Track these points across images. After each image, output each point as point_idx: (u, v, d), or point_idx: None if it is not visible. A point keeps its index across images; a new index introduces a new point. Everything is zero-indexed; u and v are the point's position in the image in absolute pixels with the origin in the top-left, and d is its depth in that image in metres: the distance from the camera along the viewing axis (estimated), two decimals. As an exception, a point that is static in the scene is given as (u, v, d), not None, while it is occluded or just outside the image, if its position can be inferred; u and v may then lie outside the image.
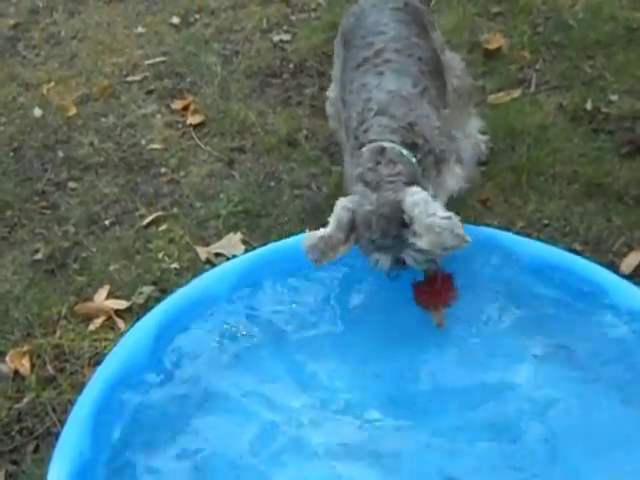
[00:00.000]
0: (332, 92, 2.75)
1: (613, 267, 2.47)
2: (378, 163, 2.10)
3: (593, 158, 2.93)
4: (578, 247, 2.62)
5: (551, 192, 2.82)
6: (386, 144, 2.14)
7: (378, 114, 2.22)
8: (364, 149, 2.16)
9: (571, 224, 2.70)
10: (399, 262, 2.06)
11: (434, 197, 2.12)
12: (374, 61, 2.37)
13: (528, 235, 2.63)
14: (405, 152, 2.15)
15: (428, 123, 2.29)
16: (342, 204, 2.06)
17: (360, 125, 2.24)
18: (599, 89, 3.26)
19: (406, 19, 2.51)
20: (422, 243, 1.96)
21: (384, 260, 2.04)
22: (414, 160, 2.15)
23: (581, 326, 2.12)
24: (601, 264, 2.34)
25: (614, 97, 3.22)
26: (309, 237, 2.04)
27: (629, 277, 2.40)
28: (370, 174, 2.08)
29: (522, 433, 1.94)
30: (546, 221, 2.72)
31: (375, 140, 2.17)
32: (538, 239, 2.53)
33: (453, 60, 2.74)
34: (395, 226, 1.99)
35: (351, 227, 2.03)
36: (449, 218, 1.96)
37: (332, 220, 2.05)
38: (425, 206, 1.99)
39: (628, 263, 2.51)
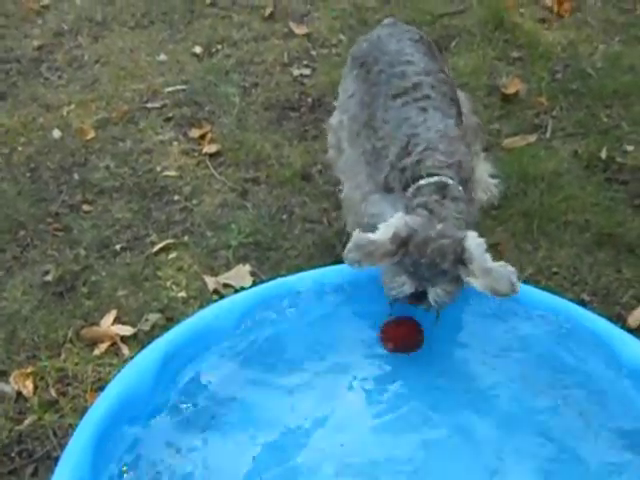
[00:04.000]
0: (335, 119, 2.77)
1: (620, 320, 2.47)
2: (444, 197, 2.14)
3: (605, 208, 2.94)
4: (586, 297, 2.62)
5: (562, 240, 2.82)
6: (447, 180, 2.18)
7: (429, 149, 2.24)
8: (423, 182, 2.18)
9: (580, 273, 2.71)
10: (417, 293, 2.05)
11: None
12: (414, 95, 2.39)
13: (537, 282, 2.63)
14: (460, 188, 2.19)
15: (468, 162, 2.33)
16: (405, 220, 2.05)
17: (404, 157, 2.25)
18: (615, 139, 3.28)
19: (427, 52, 2.55)
20: (477, 284, 1.99)
21: (408, 286, 2.04)
22: (464, 195, 2.19)
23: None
24: (608, 317, 2.33)
25: (630, 147, 3.24)
26: (360, 237, 2.03)
27: (635, 331, 2.39)
28: (437, 206, 2.11)
29: None
30: (555, 269, 2.72)
31: (433, 174, 2.19)
32: (546, 288, 2.53)
33: (460, 97, 2.76)
34: (449, 260, 2.00)
35: (404, 244, 2.03)
36: (505, 266, 1.99)
37: (386, 229, 2.04)
38: (484, 250, 2.02)
39: (636, 316, 2.50)
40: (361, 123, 2.55)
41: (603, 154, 3.17)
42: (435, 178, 2.18)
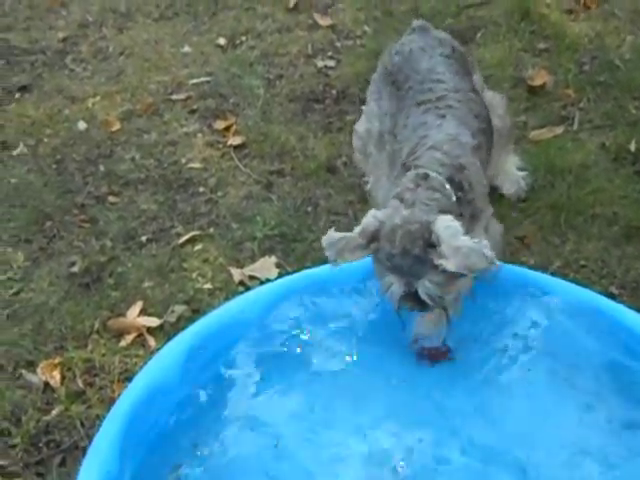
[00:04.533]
0: (361, 126, 2.77)
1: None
2: (418, 185, 2.12)
3: (634, 200, 2.91)
4: (615, 290, 2.59)
5: (590, 233, 2.79)
6: (431, 173, 2.15)
7: (432, 148, 2.23)
8: (409, 172, 2.18)
9: (609, 266, 2.68)
10: (410, 294, 2.03)
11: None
12: (436, 104, 2.39)
13: (565, 275, 2.61)
14: (448, 186, 2.15)
15: (477, 175, 2.28)
16: (372, 213, 2.09)
17: (411, 155, 2.25)
18: (643, 131, 3.24)
19: (459, 70, 2.54)
20: (449, 265, 1.95)
21: (397, 286, 2.02)
22: (454, 198, 2.14)
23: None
24: (637, 309, 2.31)
25: (658, 140, 3.19)
26: (330, 235, 2.10)
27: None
28: (408, 193, 2.10)
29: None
30: (583, 262, 2.70)
31: (422, 167, 2.18)
32: (574, 280, 2.50)
33: (494, 99, 2.75)
34: (419, 245, 1.98)
35: (374, 236, 2.04)
36: (479, 242, 1.96)
37: (358, 226, 2.08)
38: (455, 231, 1.99)
39: (665, 310, 2.47)
40: (387, 131, 2.57)
41: (632, 146, 3.13)
42: (418, 170, 2.17)
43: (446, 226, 1.99)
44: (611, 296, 2.48)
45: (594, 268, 2.68)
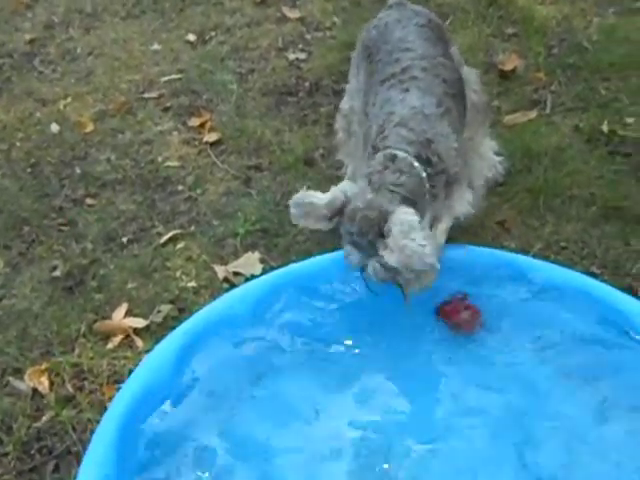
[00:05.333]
0: (346, 104, 2.77)
1: (631, 291, 2.47)
2: (386, 168, 2.17)
3: (610, 181, 2.94)
4: (596, 270, 2.62)
5: (568, 214, 2.82)
6: (399, 153, 2.19)
7: (398, 125, 2.26)
8: (378, 154, 2.22)
9: (589, 247, 2.71)
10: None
11: (428, 223, 2.20)
12: (400, 77, 2.40)
13: (545, 257, 2.64)
14: (416, 164, 2.20)
15: (446, 143, 2.32)
16: (344, 187, 2.16)
17: (379, 135, 2.28)
18: (615, 111, 3.28)
19: (431, 37, 2.54)
20: (391, 259, 2.02)
21: (354, 256, 2.12)
22: (424, 174, 2.19)
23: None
24: (619, 288, 2.34)
25: (630, 120, 3.23)
26: (302, 195, 2.15)
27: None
28: (376, 176, 2.16)
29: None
30: (564, 243, 2.73)
31: (390, 147, 2.22)
32: (556, 262, 2.54)
33: (470, 75, 2.75)
34: (373, 232, 2.06)
35: (339, 211, 2.12)
36: (424, 246, 2.01)
37: (329, 194, 2.14)
38: (408, 228, 2.04)
39: (647, 287, 2.51)
40: (362, 111, 2.57)
41: (604, 127, 3.17)
42: (387, 151, 2.21)
43: (401, 221, 2.05)
44: (593, 276, 2.52)
45: (574, 249, 2.71)
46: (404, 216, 2.06)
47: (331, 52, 3.76)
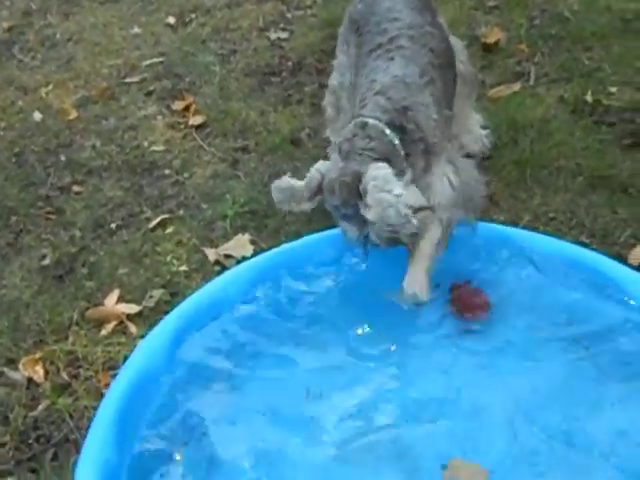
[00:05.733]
0: (334, 80, 2.76)
1: (621, 259, 2.49)
2: (355, 135, 2.17)
3: (595, 151, 2.95)
4: (585, 239, 2.63)
5: (556, 185, 2.83)
6: (370, 120, 2.19)
7: (378, 94, 2.26)
8: (352, 122, 2.23)
9: (577, 217, 2.72)
10: (367, 236, 2.11)
11: (409, 180, 2.18)
12: (387, 47, 2.40)
13: (534, 228, 2.65)
14: (388, 131, 2.19)
15: (425, 112, 2.31)
16: (318, 166, 2.18)
17: (359, 103, 2.29)
18: (598, 81, 3.28)
19: (418, 6, 2.53)
20: (370, 215, 2.04)
21: (351, 230, 2.13)
22: (397, 141, 2.19)
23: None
24: (609, 256, 2.36)
25: (613, 89, 3.24)
26: (282, 181, 2.21)
27: (638, 269, 2.42)
28: (345, 144, 2.17)
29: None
30: (552, 214, 2.74)
31: (365, 115, 2.22)
32: (545, 233, 2.55)
33: (457, 45, 2.75)
34: (354, 197, 2.08)
35: (318, 189, 2.15)
36: (399, 196, 2.03)
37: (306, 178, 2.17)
38: (382, 181, 2.05)
39: (635, 255, 2.52)
40: (352, 83, 2.56)
41: (588, 97, 3.18)
42: (358, 119, 2.21)
43: (374, 176, 2.06)
44: (582, 245, 2.53)
45: (563, 219, 2.72)
46: (377, 171, 2.08)
47: (312, 31, 3.75)
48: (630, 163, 2.87)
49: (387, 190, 2.03)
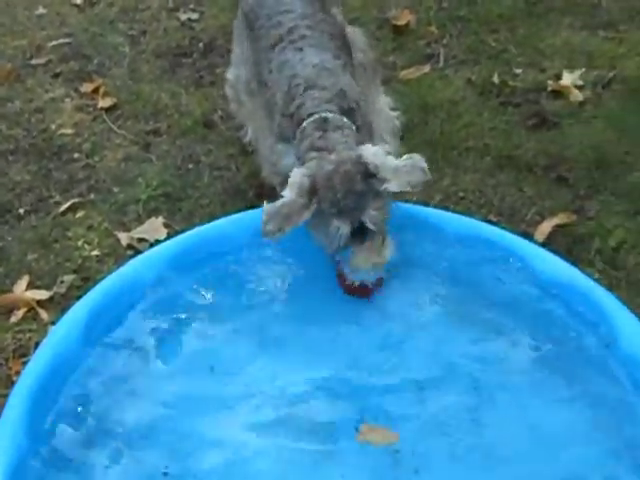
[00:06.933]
0: (231, 74, 2.76)
1: (528, 236, 2.57)
2: (325, 130, 2.16)
3: (502, 131, 3.03)
4: (493, 218, 2.71)
5: (465, 165, 2.90)
6: (328, 114, 2.19)
7: (308, 88, 2.25)
8: (305, 123, 2.19)
9: (486, 196, 2.80)
10: (356, 229, 2.08)
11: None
12: (289, 38, 2.38)
13: (445, 208, 2.70)
14: (345, 119, 2.21)
15: (356, 92, 2.34)
16: (299, 172, 2.09)
17: (289, 103, 2.26)
18: (504, 62, 3.37)
19: None
20: (393, 186, 2.04)
21: (344, 228, 2.05)
22: (354, 127, 2.21)
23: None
24: (516, 233, 2.43)
25: (518, 70, 3.33)
26: (270, 206, 2.04)
27: (543, 245, 2.50)
28: (321, 141, 2.14)
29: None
30: (462, 194, 2.81)
31: (313, 113, 2.21)
32: (455, 212, 2.60)
33: (355, 34, 2.76)
34: (359, 180, 2.04)
35: (312, 192, 2.05)
36: (411, 158, 2.06)
37: (290, 189, 2.06)
38: (383, 155, 2.08)
39: (541, 231, 2.61)
40: (254, 80, 2.55)
41: (495, 79, 3.25)
42: (314, 116, 2.20)
43: (374, 153, 2.07)
44: (490, 223, 2.60)
45: (472, 198, 2.79)
46: (372, 149, 2.08)
47: (223, 12, 3.72)
48: (535, 143, 2.96)
49: (393, 160, 2.05)
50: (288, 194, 2.05)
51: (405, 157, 2.07)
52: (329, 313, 2.22)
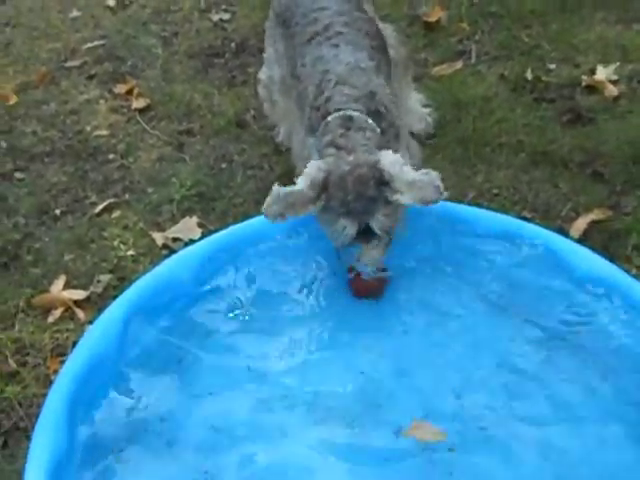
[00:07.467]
0: (263, 74, 2.78)
1: (563, 232, 2.55)
2: (348, 129, 2.15)
3: (536, 127, 3.01)
4: (528, 214, 2.69)
5: (499, 162, 2.88)
6: (353, 113, 2.18)
7: (339, 84, 2.24)
8: (330, 118, 2.19)
9: (520, 192, 2.78)
10: (362, 231, 2.08)
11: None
12: (326, 34, 2.39)
13: (479, 205, 2.69)
14: (370, 121, 2.20)
15: (387, 95, 2.33)
16: (316, 165, 2.08)
17: (319, 96, 2.26)
18: (537, 58, 3.34)
19: None
20: (404, 199, 2.02)
21: (350, 227, 2.06)
22: (378, 130, 2.20)
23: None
24: (551, 229, 2.41)
25: (552, 66, 3.30)
26: (279, 190, 2.05)
27: (579, 241, 2.48)
28: (343, 140, 2.12)
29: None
30: (496, 190, 2.79)
31: (340, 109, 2.20)
32: (489, 209, 2.59)
33: (386, 30, 2.76)
34: (372, 186, 2.03)
35: (323, 187, 2.05)
36: (427, 174, 2.03)
37: (303, 179, 2.06)
38: (401, 165, 2.05)
39: (577, 228, 2.59)
40: (288, 75, 2.56)
41: (529, 75, 3.23)
42: (340, 113, 2.19)
43: (392, 162, 2.05)
44: (525, 220, 2.58)
45: (506, 195, 2.77)
46: (392, 157, 2.06)
47: (255, 11, 3.73)
48: (570, 139, 2.94)
49: (410, 172, 2.02)
50: (300, 183, 2.06)
51: (422, 172, 2.04)
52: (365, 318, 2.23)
